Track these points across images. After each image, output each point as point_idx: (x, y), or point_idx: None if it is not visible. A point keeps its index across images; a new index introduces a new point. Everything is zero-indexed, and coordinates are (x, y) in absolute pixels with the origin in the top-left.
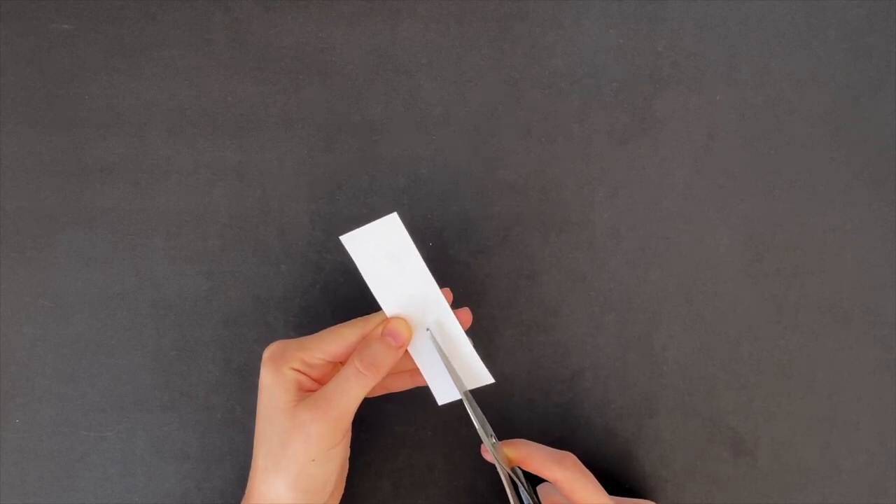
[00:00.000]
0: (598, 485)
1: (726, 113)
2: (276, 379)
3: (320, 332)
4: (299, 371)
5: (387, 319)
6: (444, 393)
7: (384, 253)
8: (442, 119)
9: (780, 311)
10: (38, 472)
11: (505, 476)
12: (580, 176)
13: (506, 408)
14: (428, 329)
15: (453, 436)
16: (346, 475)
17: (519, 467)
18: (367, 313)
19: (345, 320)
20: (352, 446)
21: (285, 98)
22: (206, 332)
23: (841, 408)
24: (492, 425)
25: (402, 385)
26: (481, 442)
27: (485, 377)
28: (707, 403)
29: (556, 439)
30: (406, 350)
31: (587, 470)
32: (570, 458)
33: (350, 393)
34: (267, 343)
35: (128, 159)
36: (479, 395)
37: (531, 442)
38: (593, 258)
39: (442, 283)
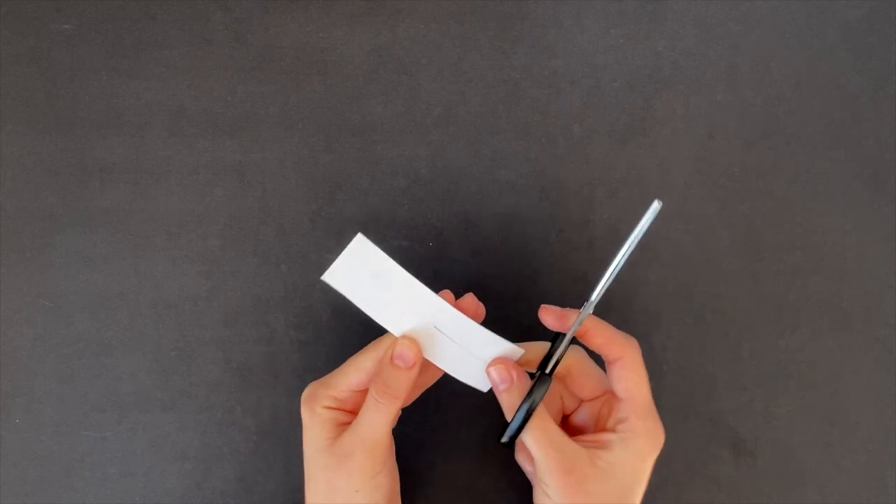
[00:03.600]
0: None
1: (726, 113)
2: (312, 419)
3: (341, 367)
4: (332, 408)
5: (394, 341)
6: (484, 381)
7: (367, 276)
8: (442, 119)
9: (780, 311)
10: (38, 472)
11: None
12: (580, 176)
13: None
14: (436, 328)
15: (453, 436)
16: (399, 499)
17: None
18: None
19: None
20: None
21: (285, 98)
22: (206, 332)
23: (841, 408)
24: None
25: (430, 380)
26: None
27: (514, 351)
28: (707, 403)
29: None
30: (427, 360)
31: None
32: (637, 344)
33: (376, 423)
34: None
35: (128, 159)
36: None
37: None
38: (593, 258)
39: (442, 283)
